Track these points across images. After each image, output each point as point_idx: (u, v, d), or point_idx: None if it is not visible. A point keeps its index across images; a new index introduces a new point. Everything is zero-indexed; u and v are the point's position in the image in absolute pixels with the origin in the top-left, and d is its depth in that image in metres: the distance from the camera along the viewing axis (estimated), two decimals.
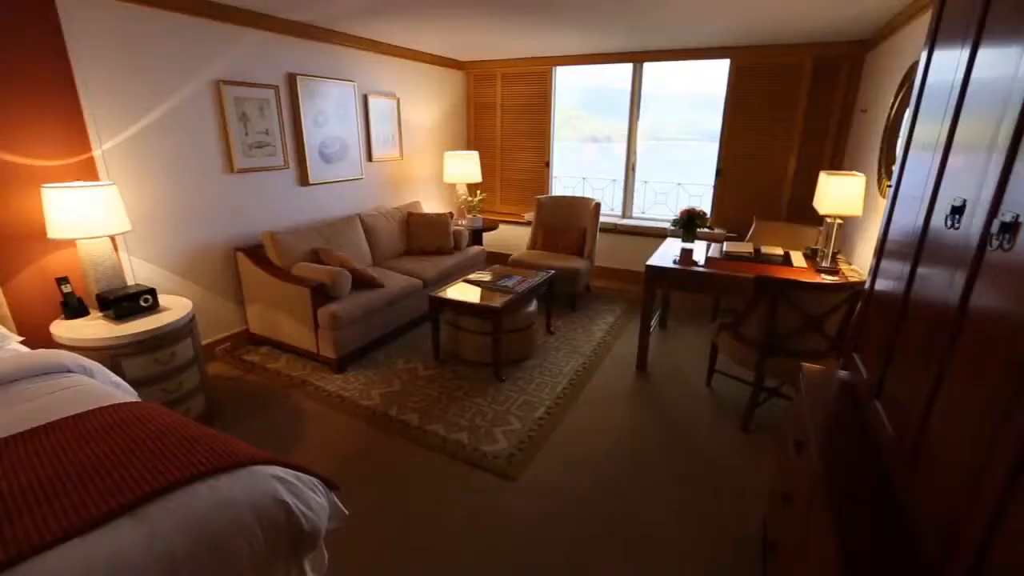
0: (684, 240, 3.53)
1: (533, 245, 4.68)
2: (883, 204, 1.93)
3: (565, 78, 5.18)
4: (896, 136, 2.72)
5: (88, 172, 2.60)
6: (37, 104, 2.38)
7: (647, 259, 3.21)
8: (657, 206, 5.62)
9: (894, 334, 1.21)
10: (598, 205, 4.46)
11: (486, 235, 5.17)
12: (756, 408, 2.63)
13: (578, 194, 5.17)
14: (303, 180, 3.79)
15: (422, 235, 4.36)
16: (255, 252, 3.35)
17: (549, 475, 2.29)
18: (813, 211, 3.17)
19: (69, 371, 1.86)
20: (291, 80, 3.56)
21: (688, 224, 3.46)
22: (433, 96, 5.09)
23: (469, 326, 3.20)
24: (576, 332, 3.84)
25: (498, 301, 3.06)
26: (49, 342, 2.30)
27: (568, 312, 4.23)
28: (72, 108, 2.50)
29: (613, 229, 5.03)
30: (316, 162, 3.85)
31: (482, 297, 3.16)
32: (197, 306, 2.79)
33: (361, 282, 3.37)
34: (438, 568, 1.81)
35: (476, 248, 4.61)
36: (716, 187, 4.61)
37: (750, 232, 3.96)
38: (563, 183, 5.75)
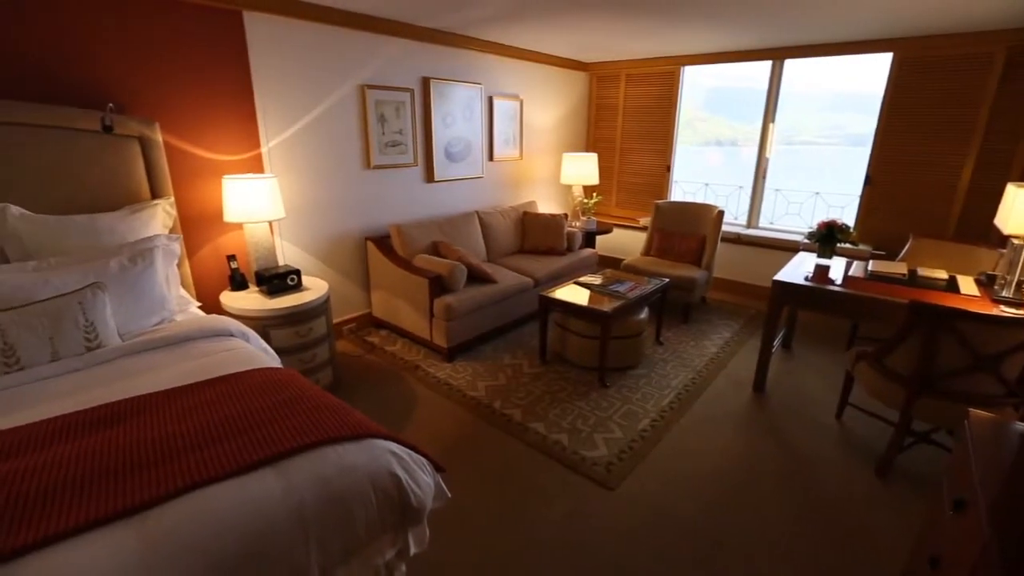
0: (820, 255, 3.19)
1: (647, 251, 4.53)
2: None
3: (689, 78, 4.93)
4: None
5: (256, 166, 3.00)
6: (224, 109, 2.80)
7: (773, 273, 2.95)
8: (789, 216, 5.15)
9: None
10: (721, 213, 4.19)
11: (599, 238, 5.11)
12: (898, 453, 2.30)
13: (699, 200, 4.90)
14: (429, 177, 4.04)
15: (536, 235, 4.42)
16: (382, 242, 3.64)
17: (649, 489, 2.20)
18: (991, 230, 2.68)
19: (232, 335, 2.16)
20: (425, 83, 3.81)
21: (827, 238, 3.11)
22: (555, 97, 5.13)
23: (577, 328, 3.18)
24: (687, 345, 3.65)
25: (608, 306, 3.00)
26: (218, 308, 2.71)
27: (680, 323, 4.03)
28: (249, 111, 2.91)
29: (736, 239, 4.70)
30: (441, 161, 4.08)
31: (592, 300, 3.13)
32: (331, 288, 3.09)
33: (475, 277, 3.51)
34: (529, 566, 1.83)
35: (588, 251, 4.57)
36: (863, 198, 4.10)
37: (904, 251, 3.47)
38: (683, 188, 5.49)
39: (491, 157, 4.56)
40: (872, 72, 3.90)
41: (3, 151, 2.05)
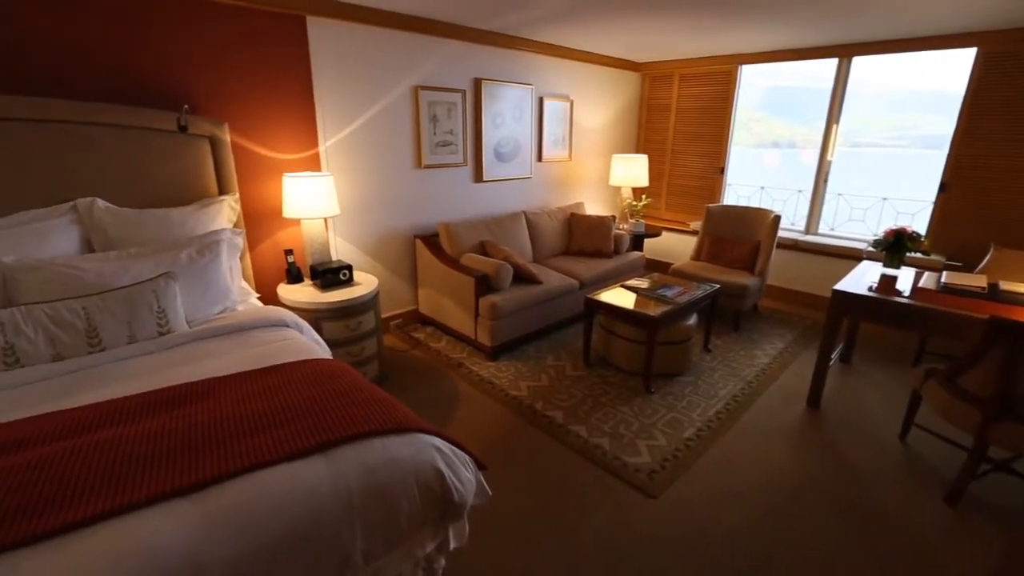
0: (887, 265, 3.00)
1: (697, 256, 4.40)
2: None
3: (746, 77, 4.75)
4: None
5: (314, 165, 3.12)
6: (286, 109, 2.94)
7: (833, 282, 2.80)
8: (852, 223, 4.87)
9: None
10: (777, 218, 4.02)
11: (647, 241, 5.01)
12: (971, 480, 2.13)
13: (754, 204, 4.72)
14: (478, 177, 4.08)
15: (583, 236, 4.39)
16: (431, 240, 3.70)
17: (692, 500, 2.14)
18: None
19: (287, 326, 2.26)
20: (477, 84, 3.85)
21: (894, 246, 2.93)
22: (605, 98, 5.07)
23: (622, 332, 3.13)
24: (737, 354, 3.52)
25: (655, 310, 2.94)
26: (275, 300, 2.84)
27: (730, 331, 3.90)
28: (309, 112, 3.03)
29: (793, 246, 4.49)
30: (491, 161, 4.11)
31: (639, 304, 3.07)
32: (379, 284, 3.17)
33: (521, 277, 3.52)
34: (566, 570, 1.81)
35: (636, 254, 4.49)
36: (937, 204, 3.83)
37: (984, 262, 3.22)
38: (737, 192, 5.30)
39: (540, 158, 4.56)
40: (951, 69, 3.64)
41: (95, 150, 2.23)
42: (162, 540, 1.04)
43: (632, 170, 4.85)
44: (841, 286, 2.72)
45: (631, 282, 3.45)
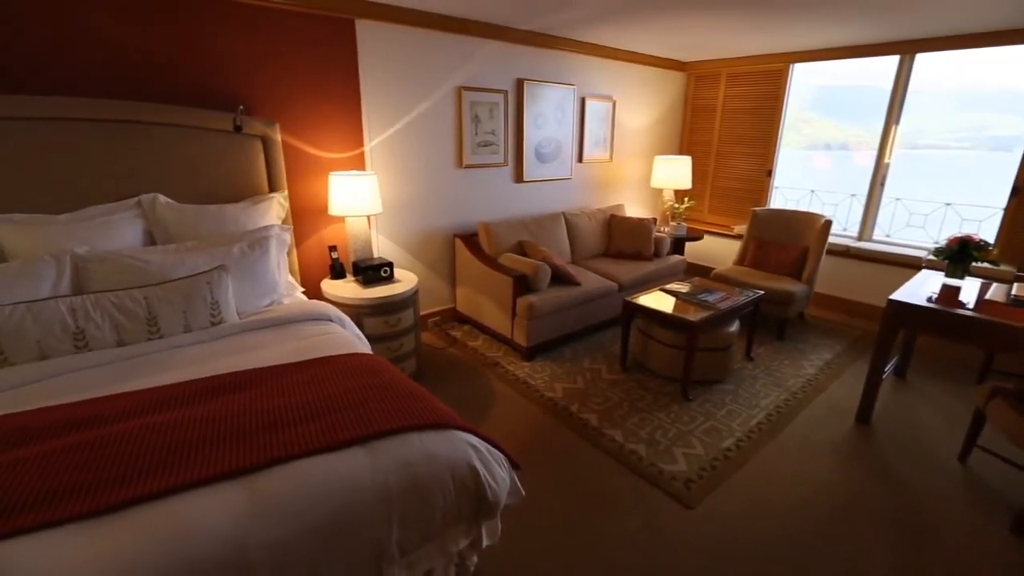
0: (949, 274, 2.82)
1: (741, 261, 4.27)
2: None
3: (797, 76, 4.57)
4: None
5: (359, 164, 3.20)
6: (335, 110, 3.02)
7: (888, 292, 2.67)
8: (910, 229, 4.61)
9: None
10: (828, 223, 3.85)
11: (689, 245, 4.91)
12: None
13: (803, 208, 4.53)
14: (518, 177, 4.09)
15: (622, 238, 4.33)
16: (470, 239, 3.74)
17: (730, 512, 2.08)
18: None
19: (330, 320, 2.33)
20: (519, 85, 3.86)
21: (959, 255, 2.75)
22: (649, 98, 4.99)
23: (661, 337, 3.07)
24: (781, 363, 3.40)
25: (695, 315, 2.87)
26: (318, 295, 2.93)
27: (774, 340, 3.76)
28: (355, 113, 3.11)
29: (845, 252, 4.29)
30: (531, 161, 4.11)
31: (678, 309, 3.00)
32: (419, 281, 3.22)
33: (559, 278, 3.51)
34: (599, 575, 1.79)
35: (676, 257, 4.40)
36: (1008, 210, 3.58)
37: None
38: (784, 195, 5.12)
39: (580, 158, 4.53)
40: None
41: (158, 149, 2.37)
42: (211, 521, 1.10)
43: (675, 172, 4.75)
44: (898, 296, 2.58)
45: (671, 286, 3.38)
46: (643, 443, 2.50)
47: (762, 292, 3.35)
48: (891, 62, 3.98)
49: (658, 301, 3.13)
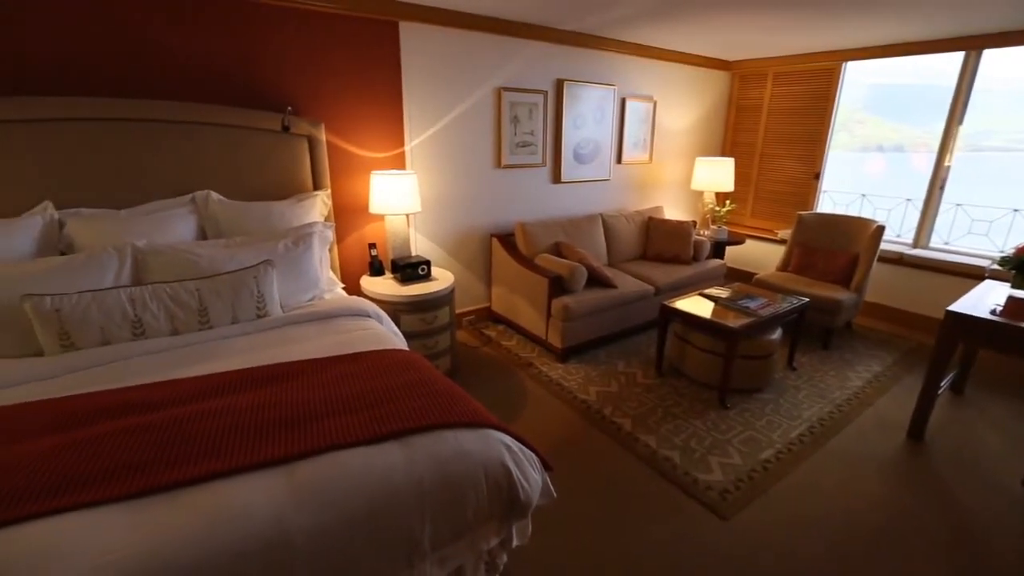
0: (1015, 286, 2.63)
1: (784, 266, 4.13)
2: None
3: (850, 75, 4.38)
4: None
5: (399, 163, 3.27)
6: (378, 110, 3.09)
7: (946, 302, 2.54)
8: (972, 236, 4.34)
9: None
10: (880, 228, 3.67)
11: (729, 249, 4.78)
12: None
13: (853, 213, 4.34)
14: (556, 178, 4.08)
15: (661, 241, 4.26)
16: (506, 239, 3.75)
17: (768, 525, 2.01)
18: None
19: (368, 316, 2.38)
20: (559, 85, 3.85)
21: None
22: (691, 98, 4.88)
23: (699, 343, 3.00)
24: (826, 374, 3.26)
25: (736, 321, 2.79)
26: (358, 291, 3.00)
27: (818, 349, 3.62)
28: (397, 113, 3.17)
29: (898, 260, 4.08)
30: (569, 162, 4.09)
31: (717, 314, 2.93)
32: (455, 280, 3.25)
33: (595, 280, 3.47)
34: None
35: (716, 261, 4.29)
36: None
37: None
38: (833, 199, 4.91)
39: (619, 160, 4.48)
40: None
41: (211, 148, 2.48)
42: (254, 506, 1.14)
43: (717, 174, 4.63)
44: (957, 307, 2.44)
45: (710, 291, 3.30)
46: (677, 450, 2.45)
47: (807, 300, 3.23)
48: (955, 59, 3.76)
49: (696, 306, 3.06)
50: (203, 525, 1.08)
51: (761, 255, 5.02)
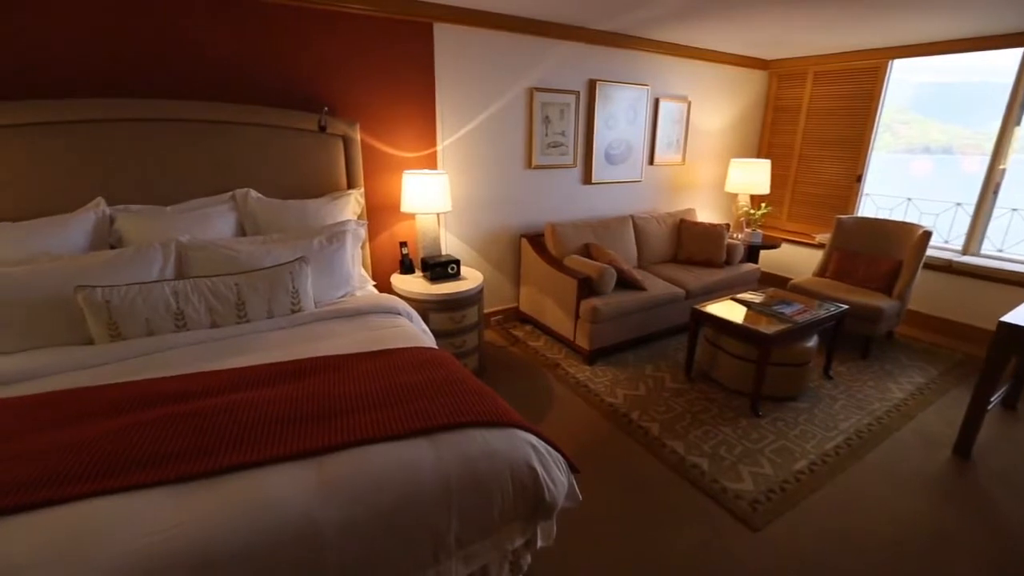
0: None
1: (822, 272, 4.00)
2: None
3: (895, 73, 4.20)
4: None
5: (431, 163, 3.30)
6: (411, 110, 3.13)
7: (999, 313, 2.41)
8: None
9: None
10: (927, 234, 3.51)
11: (764, 253, 4.66)
12: None
13: (897, 217, 4.17)
14: (586, 179, 4.05)
15: (692, 244, 4.18)
16: (535, 240, 3.75)
17: (801, 539, 1.95)
18: None
19: (399, 313, 2.41)
20: (591, 86, 3.82)
21: None
22: (726, 98, 4.78)
23: (730, 348, 2.94)
24: (864, 384, 3.14)
25: (770, 327, 2.72)
26: (388, 288, 3.04)
27: (857, 359, 3.49)
28: (430, 113, 3.21)
29: (947, 267, 3.90)
30: (600, 163, 4.06)
31: (750, 319, 2.86)
32: (484, 280, 3.26)
33: (625, 282, 3.44)
34: None
35: (750, 266, 4.18)
36: None
37: None
38: (876, 202, 4.73)
39: (651, 161, 4.42)
40: None
41: (250, 147, 2.56)
42: (286, 496, 1.17)
43: (752, 176, 4.51)
44: (1011, 318, 2.31)
45: (743, 295, 3.22)
46: (706, 457, 2.40)
47: (846, 307, 3.11)
48: (1012, 55, 3.57)
49: (728, 310, 2.99)
50: (241, 513, 1.11)
51: (797, 260, 4.87)
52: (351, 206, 2.82)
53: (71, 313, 1.87)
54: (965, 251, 4.00)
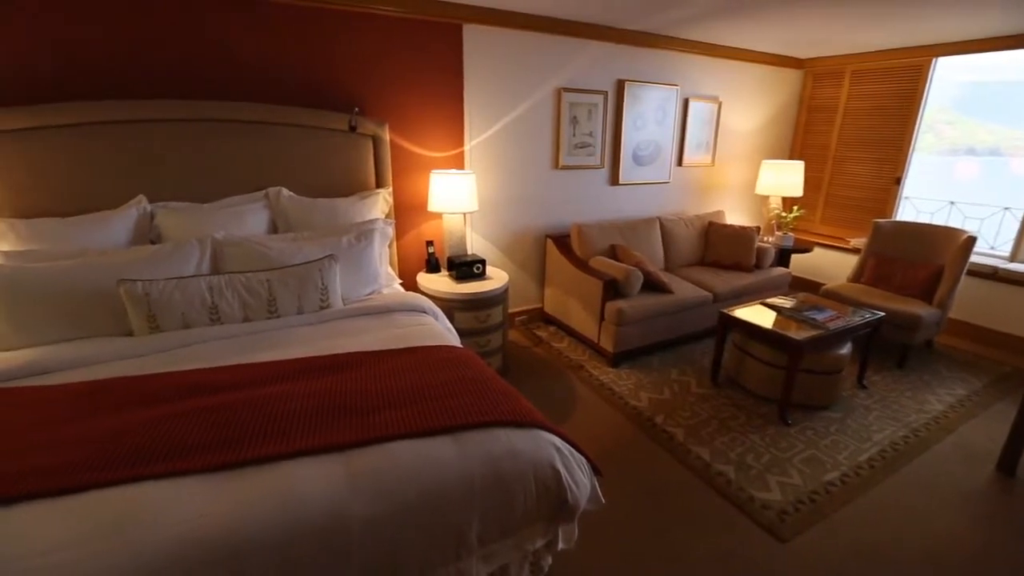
0: None
1: (857, 277, 3.87)
2: None
3: (939, 72, 4.03)
4: None
5: (458, 163, 3.32)
6: (439, 111, 3.16)
7: None
8: None
9: None
10: (971, 239, 3.37)
11: (795, 257, 4.54)
12: None
13: (938, 222, 4.01)
14: (614, 180, 4.02)
15: (721, 247, 4.10)
16: (561, 241, 3.73)
17: (831, 551, 1.89)
18: None
19: (424, 312, 2.44)
20: (620, 86, 3.79)
21: None
22: (759, 99, 4.67)
23: (759, 354, 2.87)
24: (901, 395, 3.03)
25: (800, 333, 2.65)
26: (414, 287, 3.08)
27: (893, 368, 3.37)
28: (458, 113, 3.23)
29: (992, 274, 3.73)
30: (628, 164, 4.02)
31: (780, 325, 2.79)
32: (509, 280, 3.27)
33: (651, 284, 3.40)
34: None
35: (780, 270, 4.08)
36: None
37: None
38: (916, 206, 4.56)
39: (680, 162, 4.35)
40: None
41: (283, 146, 2.62)
42: (315, 490, 1.19)
43: (784, 178, 4.40)
44: None
45: (773, 300, 3.14)
46: (732, 465, 2.36)
47: (882, 314, 3.01)
48: None
49: (758, 315, 2.92)
50: (272, 504, 1.14)
51: (830, 265, 4.73)
52: (379, 205, 2.86)
53: (114, 305, 1.95)
54: (1013, 258, 3.82)
